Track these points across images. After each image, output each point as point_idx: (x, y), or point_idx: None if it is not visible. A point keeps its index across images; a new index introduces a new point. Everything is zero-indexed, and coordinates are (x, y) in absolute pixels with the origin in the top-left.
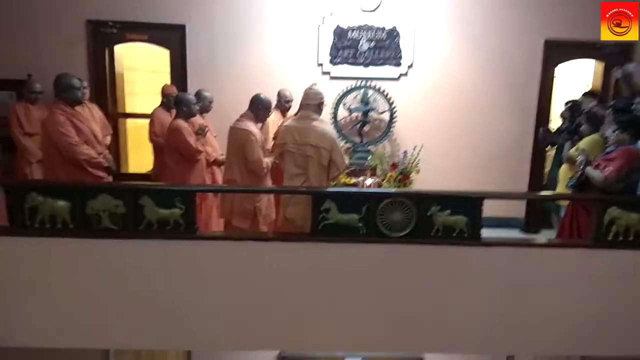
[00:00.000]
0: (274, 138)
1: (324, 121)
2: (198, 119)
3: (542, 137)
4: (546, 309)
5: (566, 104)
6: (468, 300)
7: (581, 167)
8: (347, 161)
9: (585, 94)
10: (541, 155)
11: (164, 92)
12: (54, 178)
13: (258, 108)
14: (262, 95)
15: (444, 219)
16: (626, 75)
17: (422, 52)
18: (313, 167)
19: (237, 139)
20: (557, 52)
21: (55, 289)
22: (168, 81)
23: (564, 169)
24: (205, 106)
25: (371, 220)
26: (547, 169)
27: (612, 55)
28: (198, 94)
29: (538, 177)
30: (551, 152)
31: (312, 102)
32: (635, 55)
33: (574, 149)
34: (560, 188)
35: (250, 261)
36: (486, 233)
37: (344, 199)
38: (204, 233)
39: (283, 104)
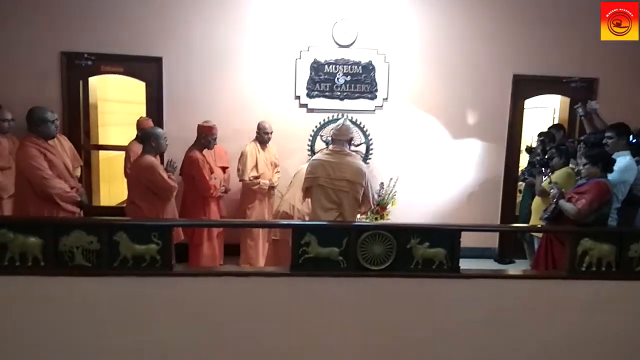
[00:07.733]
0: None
1: (356, 156)
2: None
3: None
4: (526, 339)
5: (539, 135)
6: (449, 332)
7: (554, 200)
8: (376, 197)
9: (552, 127)
10: (513, 185)
11: (140, 126)
12: (26, 213)
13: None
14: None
15: (424, 252)
16: (587, 113)
17: (396, 86)
18: (348, 202)
19: None
20: (525, 86)
21: (26, 329)
22: (143, 112)
23: (537, 201)
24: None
25: (352, 253)
26: (519, 199)
27: (577, 90)
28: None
29: (510, 207)
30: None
31: (344, 138)
32: (600, 89)
33: (546, 181)
34: (534, 220)
35: (230, 297)
36: (462, 264)
37: (324, 232)
38: (180, 269)
39: (262, 135)
